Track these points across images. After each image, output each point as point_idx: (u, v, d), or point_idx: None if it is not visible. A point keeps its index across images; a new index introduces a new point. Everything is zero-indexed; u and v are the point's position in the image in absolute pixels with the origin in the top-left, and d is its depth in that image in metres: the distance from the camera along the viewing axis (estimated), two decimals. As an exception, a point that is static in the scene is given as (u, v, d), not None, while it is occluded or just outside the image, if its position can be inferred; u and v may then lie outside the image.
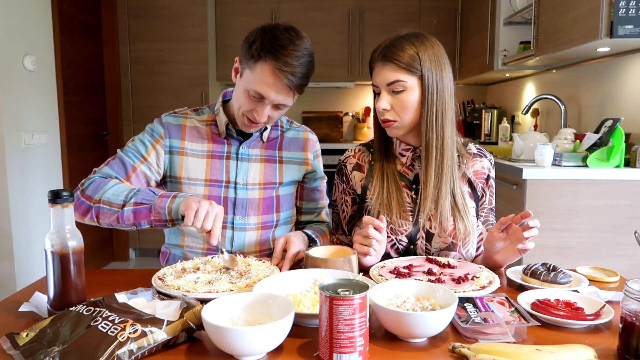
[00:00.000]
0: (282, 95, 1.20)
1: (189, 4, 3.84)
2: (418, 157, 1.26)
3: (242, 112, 1.25)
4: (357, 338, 0.71)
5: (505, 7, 3.19)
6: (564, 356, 0.71)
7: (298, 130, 1.44)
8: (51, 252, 0.88)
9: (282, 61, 1.15)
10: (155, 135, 1.32)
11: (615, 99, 2.53)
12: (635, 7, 1.96)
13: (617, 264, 2.11)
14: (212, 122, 1.36)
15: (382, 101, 1.18)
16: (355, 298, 0.70)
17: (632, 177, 2.08)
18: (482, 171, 1.30)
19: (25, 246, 2.65)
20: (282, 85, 1.18)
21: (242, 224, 1.33)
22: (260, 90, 1.18)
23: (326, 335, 0.72)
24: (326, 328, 0.71)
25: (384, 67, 1.17)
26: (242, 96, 1.23)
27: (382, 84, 1.17)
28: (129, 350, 0.72)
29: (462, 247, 1.23)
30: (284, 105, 1.24)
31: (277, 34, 1.17)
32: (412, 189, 1.26)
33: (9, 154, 2.52)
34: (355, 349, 0.71)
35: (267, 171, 1.36)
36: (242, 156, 1.34)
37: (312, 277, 0.99)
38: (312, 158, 1.43)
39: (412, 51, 1.15)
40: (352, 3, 4.15)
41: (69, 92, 3.26)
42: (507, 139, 3.44)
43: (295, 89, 1.20)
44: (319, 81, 4.26)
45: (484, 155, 1.32)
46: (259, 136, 1.36)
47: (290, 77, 1.16)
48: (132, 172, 1.27)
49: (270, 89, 1.18)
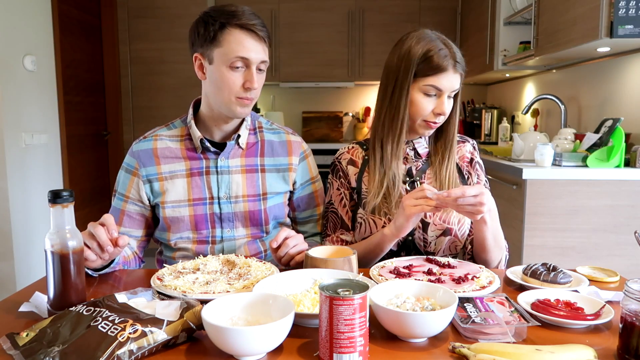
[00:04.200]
0: (260, 51, 1.21)
1: (189, 4, 3.84)
2: (412, 150, 1.32)
3: (233, 93, 1.20)
4: (357, 338, 0.71)
5: (505, 7, 3.19)
6: (564, 356, 0.71)
7: (279, 133, 1.37)
8: (51, 252, 0.88)
9: (242, 20, 1.18)
10: (131, 169, 1.31)
11: (615, 99, 2.53)
12: (635, 7, 1.96)
13: (617, 264, 2.11)
14: (186, 136, 1.31)
15: (448, 105, 1.23)
16: (355, 298, 0.70)
17: (632, 177, 2.08)
18: (466, 155, 1.37)
19: (25, 246, 2.65)
20: (255, 39, 1.19)
21: (230, 236, 1.31)
22: (240, 53, 1.18)
23: (326, 335, 0.72)
24: (326, 328, 0.71)
25: (455, 74, 1.21)
26: (225, 76, 1.19)
27: (449, 90, 1.22)
28: (129, 350, 0.72)
29: (458, 230, 1.26)
30: (265, 62, 1.23)
31: (217, 8, 1.21)
32: (406, 181, 1.30)
33: (9, 154, 2.52)
34: (355, 349, 0.71)
35: (249, 182, 1.31)
36: (221, 169, 1.29)
37: (312, 277, 0.99)
38: (298, 162, 1.36)
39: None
40: (352, 3, 4.15)
41: (69, 92, 3.26)
42: (507, 139, 3.44)
43: (266, 39, 1.22)
44: (319, 81, 4.25)
45: (466, 140, 1.40)
46: (235, 144, 1.30)
47: (258, 27, 1.19)
48: (122, 215, 1.32)
49: (249, 48, 1.18)
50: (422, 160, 1.33)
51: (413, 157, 1.32)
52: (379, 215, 1.25)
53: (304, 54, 4.19)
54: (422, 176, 1.31)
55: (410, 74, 1.20)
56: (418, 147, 1.33)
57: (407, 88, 1.22)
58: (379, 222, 1.26)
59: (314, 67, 4.22)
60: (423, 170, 1.32)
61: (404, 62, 1.21)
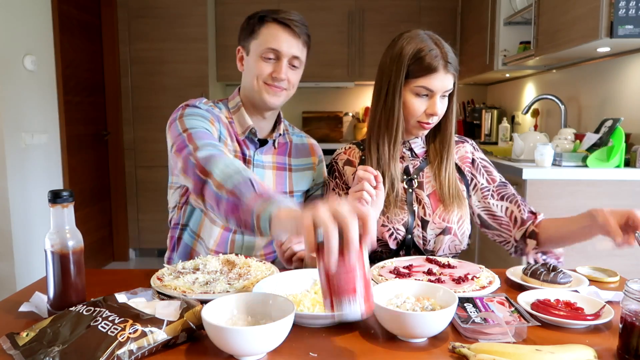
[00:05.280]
0: (293, 46, 1.25)
1: (189, 4, 3.84)
2: (409, 150, 1.33)
3: (261, 79, 1.25)
4: (357, 280, 0.69)
5: (505, 7, 3.18)
6: (564, 356, 0.71)
7: (301, 136, 1.45)
8: (51, 252, 0.88)
9: (281, 16, 1.24)
10: (207, 116, 1.23)
11: (615, 99, 2.53)
12: (635, 7, 1.96)
13: (617, 264, 2.10)
14: (230, 120, 1.32)
15: (440, 105, 1.22)
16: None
17: (632, 177, 2.07)
18: (467, 155, 1.36)
19: (25, 246, 2.65)
20: (290, 34, 1.24)
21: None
22: (272, 45, 1.23)
23: (325, 283, 0.70)
24: (325, 276, 0.70)
25: (447, 75, 1.20)
26: (257, 65, 1.25)
27: (441, 90, 1.21)
28: (129, 350, 0.72)
29: (457, 229, 1.27)
30: (299, 60, 1.27)
31: (265, 10, 1.28)
32: (404, 179, 1.30)
33: (9, 154, 2.52)
34: (355, 292, 0.69)
35: (278, 180, 1.36)
36: (257, 162, 1.33)
37: (312, 277, 0.99)
38: (318, 162, 1.44)
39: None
40: (352, 3, 4.15)
41: (69, 92, 3.26)
42: (507, 139, 3.44)
43: (302, 35, 1.25)
44: (319, 81, 4.25)
45: (464, 140, 1.39)
46: (272, 142, 1.35)
47: (295, 24, 1.24)
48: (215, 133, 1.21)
49: (281, 41, 1.23)
50: (419, 159, 1.33)
51: (410, 156, 1.33)
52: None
53: (304, 54, 4.19)
54: (419, 174, 1.31)
55: (402, 75, 1.20)
56: (414, 146, 1.33)
57: (400, 90, 1.21)
58: (378, 221, 1.26)
59: (314, 67, 4.22)
60: (420, 168, 1.32)
61: (395, 63, 1.21)
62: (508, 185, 1.34)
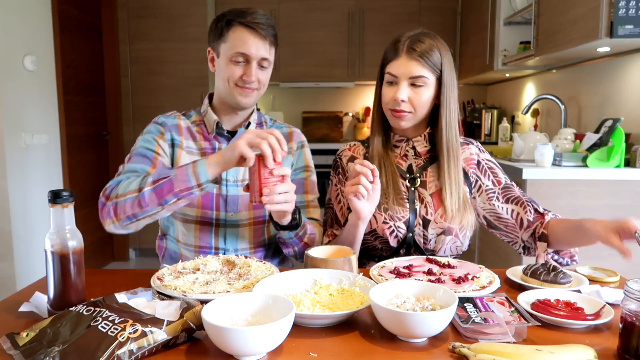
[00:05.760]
0: (261, 48, 1.28)
1: (189, 4, 3.84)
2: (412, 148, 1.33)
3: (232, 82, 1.29)
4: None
5: (505, 7, 3.19)
6: (564, 356, 0.71)
7: (281, 127, 1.47)
8: (51, 252, 0.88)
9: (248, 19, 1.26)
10: (157, 132, 1.35)
11: (615, 99, 2.53)
12: (635, 7, 1.96)
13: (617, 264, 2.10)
14: (200, 122, 1.39)
15: (402, 92, 1.22)
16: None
17: (632, 177, 2.07)
18: (472, 157, 1.35)
19: (25, 246, 2.65)
20: (257, 37, 1.26)
21: (234, 220, 1.35)
22: (240, 49, 1.26)
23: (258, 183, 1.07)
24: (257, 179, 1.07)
25: (410, 60, 1.21)
26: (227, 68, 1.29)
27: (405, 76, 1.22)
28: (129, 350, 0.72)
29: (459, 230, 1.27)
30: (267, 60, 1.30)
31: (233, 10, 1.31)
32: (406, 177, 1.31)
33: (9, 154, 2.52)
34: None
35: None
36: None
37: (312, 277, 0.99)
38: (296, 148, 1.44)
39: (437, 51, 1.22)
40: (352, 3, 4.15)
41: (69, 92, 3.26)
42: (507, 139, 3.44)
43: (269, 37, 1.28)
44: (319, 81, 4.26)
45: (470, 142, 1.39)
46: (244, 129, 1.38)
47: (261, 27, 1.26)
48: (155, 160, 1.30)
49: (249, 45, 1.26)
50: (422, 158, 1.33)
51: (413, 155, 1.34)
52: (379, 210, 1.26)
53: (304, 54, 4.19)
54: (422, 173, 1.31)
55: (383, 68, 1.27)
56: (417, 145, 1.33)
57: (381, 81, 1.28)
58: (380, 218, 1.26)
59: (314, 67, 4.22)
60: (424, 167, 1.32)
61: (382, 59, 1.28)
62: (514, 187, 1.33)
